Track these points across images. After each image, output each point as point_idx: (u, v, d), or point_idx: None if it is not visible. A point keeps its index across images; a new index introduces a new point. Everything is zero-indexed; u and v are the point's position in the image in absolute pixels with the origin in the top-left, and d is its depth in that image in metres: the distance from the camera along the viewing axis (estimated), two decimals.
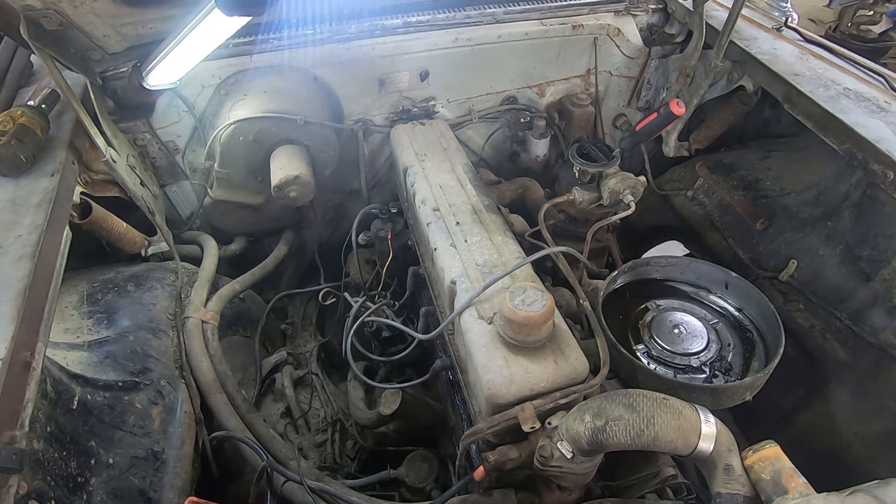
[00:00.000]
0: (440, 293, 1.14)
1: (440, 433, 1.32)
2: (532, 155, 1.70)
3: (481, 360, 0.91)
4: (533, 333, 0.88)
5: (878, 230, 1.28)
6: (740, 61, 1.51)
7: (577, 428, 0.79)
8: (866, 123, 1.22)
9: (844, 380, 1.28)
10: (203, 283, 1.29)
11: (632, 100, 1.82)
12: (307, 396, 1.42)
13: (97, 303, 1.15)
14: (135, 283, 1.21)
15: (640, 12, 1.71)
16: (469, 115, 1.65)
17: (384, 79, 1.53)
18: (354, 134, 1.55)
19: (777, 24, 1.64)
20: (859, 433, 1.24)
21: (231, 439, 1.10)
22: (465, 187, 1.27)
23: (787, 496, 0.70)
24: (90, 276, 1.22)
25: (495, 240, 1.12)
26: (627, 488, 0.97)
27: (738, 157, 1.71)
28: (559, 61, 1.67)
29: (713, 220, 1.63)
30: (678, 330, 1.12)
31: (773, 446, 0.76)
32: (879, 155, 1.15)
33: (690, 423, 0.77)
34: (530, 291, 0.88)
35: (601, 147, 1.27)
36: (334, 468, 1.32)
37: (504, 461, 0.87)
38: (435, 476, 1.20)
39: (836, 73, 1.40)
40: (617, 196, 1.21)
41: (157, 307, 1.18)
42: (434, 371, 1.11)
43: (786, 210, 1.50)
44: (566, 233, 1.38)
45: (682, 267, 1.24)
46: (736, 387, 0.99)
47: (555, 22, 1.61)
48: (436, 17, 1.54)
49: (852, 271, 1.31)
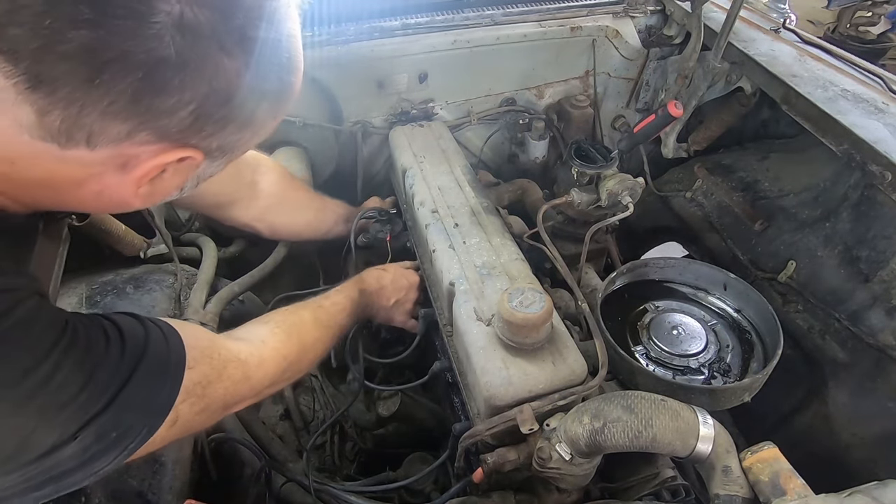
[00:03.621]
0: (439, 295, 1.14)
1: (439, 435, 1.32)
2: (531, 156, 1.70)
3: (479, 361, 0.91)
4: (531, 335, 0.88)
5: (876, 231, 1.28)
6: (738, 63, 1.51)
7: (576, 429, 0.79)
8: (864, 125, 1.22)
9: (843, 381, 1.28)
10: (202, 285, 1.29)
11: (630, 101, 1.83)
12: (307, 398, 1.42)
13: (96, 305, 1.15)
14: (134, 286, 1.21)
15: (638, 14, 1.71)
16: (468, 117, 1.65)
17: (383, 80, 1.53)
18: (353, 136, 1.56)
19: (775, 26, 1.64)
20: (858, 434, 1.24)
21: (230, 441, 1.10)
22: (464, 189, 1.27)
23: (786, 497, 0.70)
24: (89, 278, 1.21)
25: (494, 241, 1.12)
26: (626, 490, 0.97)
27: (737, 158, 1.71)
28: (558, 63, 1.68)
29: (712, 221, 1.63)
30: (677, 331, 1.13)
31: (771, 447, 0.76)
32: (877, 156, 1.16)
33: (688, 424, 0.77)
34: (528, 293, 0.88)
35: (600, 148, 1.27)
36: (333, 470, 1.32)
37: (503, 463, 0.87)
38: (434, 478, 1.20)
39: (835, 75, 1.41)
40: (615, 197, 1.21)
41: (156, 309, 1.18)
42: (433, 373, 1.11)
43: (784, 211, 1.50)
44: (565, 234, 1.38)
45: (681, 268, 1.24)
46: (734, 388, 0.99)
47: (553, 24, 1.61)
48: (434, 19, 1.54)
49: (851, 272, 1.31)
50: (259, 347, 0.84)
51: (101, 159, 0.52)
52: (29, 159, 0.51)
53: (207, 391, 0.69)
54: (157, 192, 0.60)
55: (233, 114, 0.55)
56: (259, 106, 0.58)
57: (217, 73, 0.51)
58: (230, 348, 0.78)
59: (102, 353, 0.56)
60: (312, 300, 1.06)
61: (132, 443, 0.58)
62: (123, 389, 0.56)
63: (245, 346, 0.82)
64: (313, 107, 1.51)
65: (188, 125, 0.52)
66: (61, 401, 0.52)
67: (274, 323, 0.92)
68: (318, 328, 1.00)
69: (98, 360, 0.56)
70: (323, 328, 1.01)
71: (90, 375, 0.54)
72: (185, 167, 0.58)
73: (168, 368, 0.63)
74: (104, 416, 0.54)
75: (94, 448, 0.54)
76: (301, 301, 1.04)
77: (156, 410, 0.61)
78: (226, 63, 0.51)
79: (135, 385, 0.57)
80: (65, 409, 0.52)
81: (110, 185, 0.56)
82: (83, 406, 0.53)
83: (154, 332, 0.64)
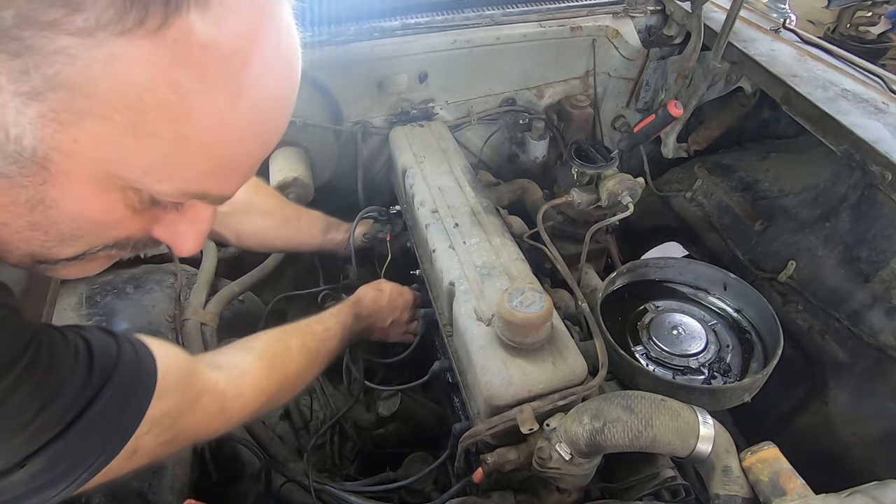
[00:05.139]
0: (439, 295, 1.14)
1: (439, 435, 1.32)
2: (531, 156, 1.70)
3: (480, 361, 0.91)
4: (531, 335, 0.88)
5: (876, 231, 1.28)
6: (738, 63, 1.51)
7: (576, 429, 0.79)
8: (864, 125, 1.22)
9: (843, 381, 1.28)
10: (202, 285, 1.29)
11: (630, 101, 1.83)
12: (306, 398, 1.42)
13: (96, 305, 1.15)
14: (134, 286, 1.21)
15: (638, 14, 1.71)
16: (468, 117, 1.65)
17: (383, 81, 1.53)
18: (353, 136, 1.56)
19: (775, 26, 1.64)
20: (858, 434, 1.24)
21: (230, 441, 1.10)
22: (464, 189, 1.27)
23: (786, 497, 0.70)
24: (89, 278, 1.22)
25: (494, 241, 1.12)
26: (626, 490, 0.97)
27: (737, 158, 1.71)
28: (558, 63, 1.68)
29: (712, 221, 1.63)
30: (677, 331, 1.12)
31: (771, 447, 0.76)
32: (877, 156, 1.16)
33: (688, 424, 0.77)
34: (528, 293, 0.88)
35: (600, 148, 1.27)
36: (333, 470, 1.32)
37: (503, 463, 0.87)
38: (434, 478, 1.20)
39: (835, 75, 1.41)
40: (615, 197, 1.21)
41: (156, 309, 1.18)
42: (433, 373, 1.11)
43: (784, 211, 1.50)
44: (565, 234, 1.38)
45: (681, 268, 1.24)
46: (734, 388, 0.99)
47: (553, 24, 1.61)
48: (434, 19, 1.54)
49: (851, 272, 1.31)
50: (238, 379, 0.80)
51: None
52: None
53: (177, 423, 0.65)
54: None
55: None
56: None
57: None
58: (208, 378, 0.74)
59: (66, 374, 0.51)
60: (304, 324, 1.02)
61: (85, 472, 0.54)
62: (82, 416, 0.51)
63: (224, 375, 0.77)
64: (313, 107, 1.51)
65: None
66: (13, 426, 0.47)
67: (258, 351, 0.87)
68: (305, 357, 0.95)
69: (59, 382, 0.51)
70: (310, 357, 0.96)
71: (47, 400, 0.49)
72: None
73: (134, 395, 0.58)
74: (57, 443, 0.50)
75: (43, 477, 0.50)
76: (292, 318, 1.01)
77: (114, 440, 0.56)
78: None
79: (95, 412, 0.52)
80: (16, 435, 0.47)
81: None
82: (36, 432, 0.49)
83: (127, 355, 0.58)
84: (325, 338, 1.02)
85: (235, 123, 0.46)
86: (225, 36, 0.42)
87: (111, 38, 0.38)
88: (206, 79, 0.42)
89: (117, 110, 0.40)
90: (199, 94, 0.42)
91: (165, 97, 0.41)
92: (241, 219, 1.23)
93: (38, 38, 0.37)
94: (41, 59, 0.38)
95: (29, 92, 0.39)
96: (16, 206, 0.44)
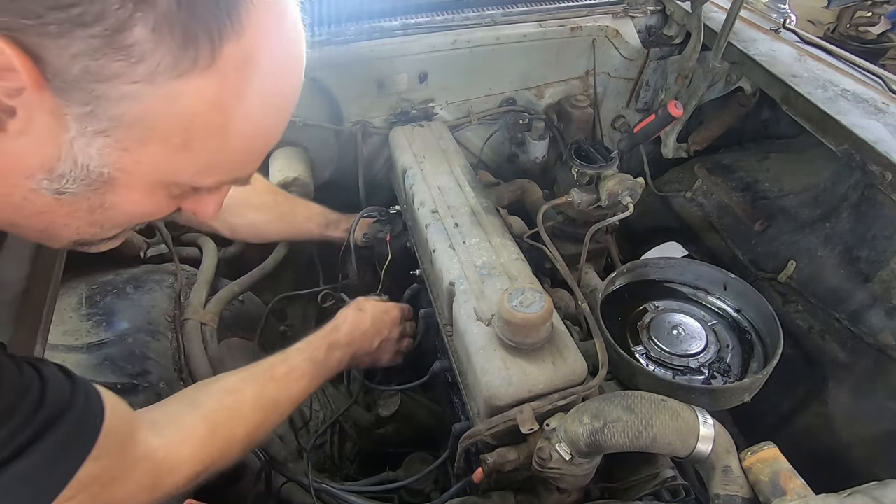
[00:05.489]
0: (439, 295, 1.14)
1: (439, 435, 1.32)
2: (531, 156, 1.70)
3: (479, 361, 0.91)
4: (531, 335, 0.88)
5: (876, 231, 1.28)
6: (738, 63, 1.51)
7: (576, 429, 0.79)
8: (864, 125, 1.22)
9: (843, 381, 1.28)
10: (202, 285, 1.29)
11: (630, 101, 1.83)
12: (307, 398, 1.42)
13: (96, 305, 1.15)
14: (134, 286, 1.21)
15: (638, 14, 1.71)
16: (468, 117, 1.65)
17: (383, 81, 1.53)
18: (353, 136, 1.56)
19: (775, 26, 1.64)
20: (858, 434, 1.24)
21: None
22: (464, 189, 1.27)
23: (786, 497, 0.70)
24: (89, 278, 1.22)
25: (494, 241, 1.12)
26: (626, 490, 0.97)
27: (737, 158, 1.71)
28: (558, 63, 1.68)
29: (712, 221, 1.63)
30: (677, 331, 1.12)
31: (771, 447, 0.76)
32: (877, 156, 1.16)
33: (688, 424, 0.77)
34: (528, 293, 0.88)
35: (600, 148, 1.27)
36: (333, 470, 1.32)
37: (503, 463, 0.87)
38: (434, 478, 1.20)
39: (834, 75, 1.41)
40: (615, 197, 1.21)
41: (156, 309, 1.18)
42: (433, 373, 1.11)
43: (784, 211, 1.50)
44: (565, 234, 1.38)
45: (681, 268, 1.24)
46: (734, 388, 0.99)
47: (553, 24, 1.61)
48: (434, 19, 1.54)
49: (851, 272, 1.31)
50: (177, 448, 0.73)
51: None
52: None
53: (105, 491, 0.59)
54: None
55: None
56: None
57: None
58: (149, 445, 0.68)
59: (7, 410, 0.48)
60: (266, 366, 0.93)
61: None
62: (9, 464, 0.47)
63: (163, 443, 0.71)
64: (313, 107, 1.51)
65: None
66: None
67: (203, 412, 0.80)
68: (259, 413, 0.87)
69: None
70: (266, 410, 0.88)
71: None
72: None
73: (69, 450, 0.53)
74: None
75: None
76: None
77: (32, 499, 0.51)
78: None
79: (25, 462, 0.48)
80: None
81: None
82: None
83: (77, 403, 0.55)
84: (287, 382, 0.93)
85: (262, 122, 0.53)
86: (251, 51, 0.47)
87: (169, 81, 0.43)
88: (243, 94, 0.48)
89: (174, 134, 0.47)
90: (237, 107, 0.49)
91: (213, 118, 0.48)
92: (236, 213, 1.24)
93: (104, 88, 0.42)
94: (108, 104, 0.43)
95: (96, 130, 0.44)
96: (79, 212, 0.51)
